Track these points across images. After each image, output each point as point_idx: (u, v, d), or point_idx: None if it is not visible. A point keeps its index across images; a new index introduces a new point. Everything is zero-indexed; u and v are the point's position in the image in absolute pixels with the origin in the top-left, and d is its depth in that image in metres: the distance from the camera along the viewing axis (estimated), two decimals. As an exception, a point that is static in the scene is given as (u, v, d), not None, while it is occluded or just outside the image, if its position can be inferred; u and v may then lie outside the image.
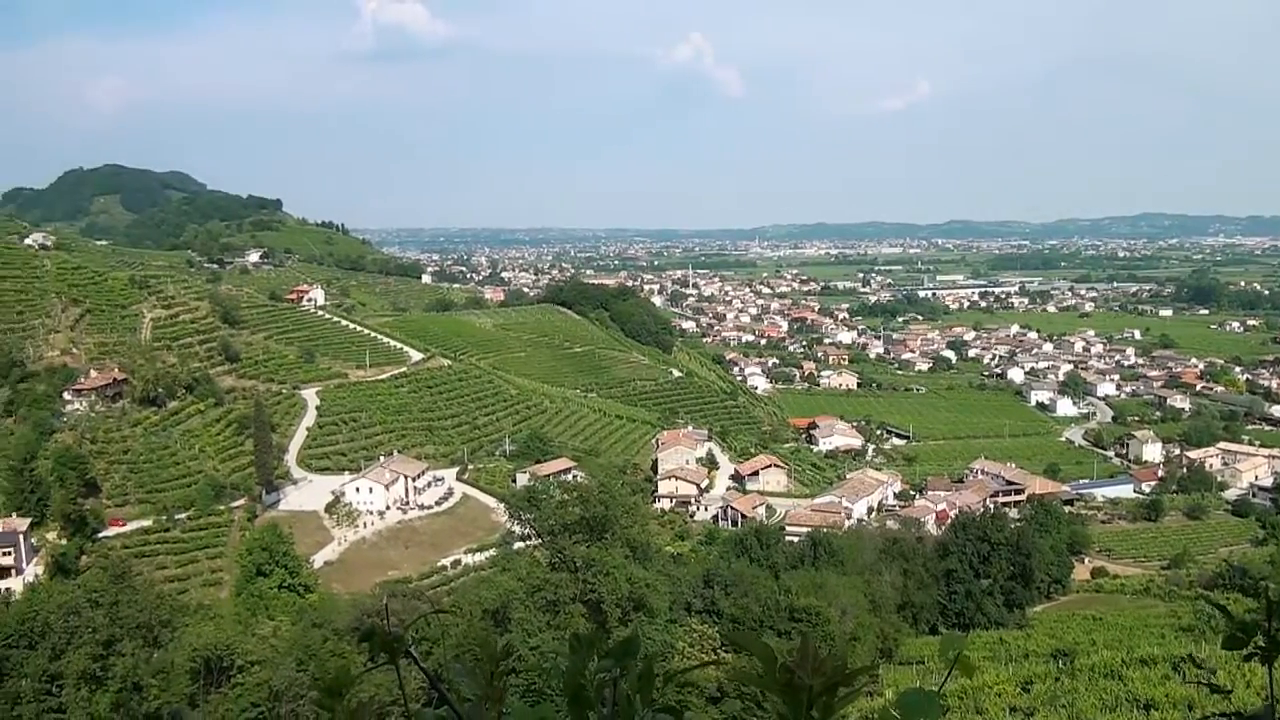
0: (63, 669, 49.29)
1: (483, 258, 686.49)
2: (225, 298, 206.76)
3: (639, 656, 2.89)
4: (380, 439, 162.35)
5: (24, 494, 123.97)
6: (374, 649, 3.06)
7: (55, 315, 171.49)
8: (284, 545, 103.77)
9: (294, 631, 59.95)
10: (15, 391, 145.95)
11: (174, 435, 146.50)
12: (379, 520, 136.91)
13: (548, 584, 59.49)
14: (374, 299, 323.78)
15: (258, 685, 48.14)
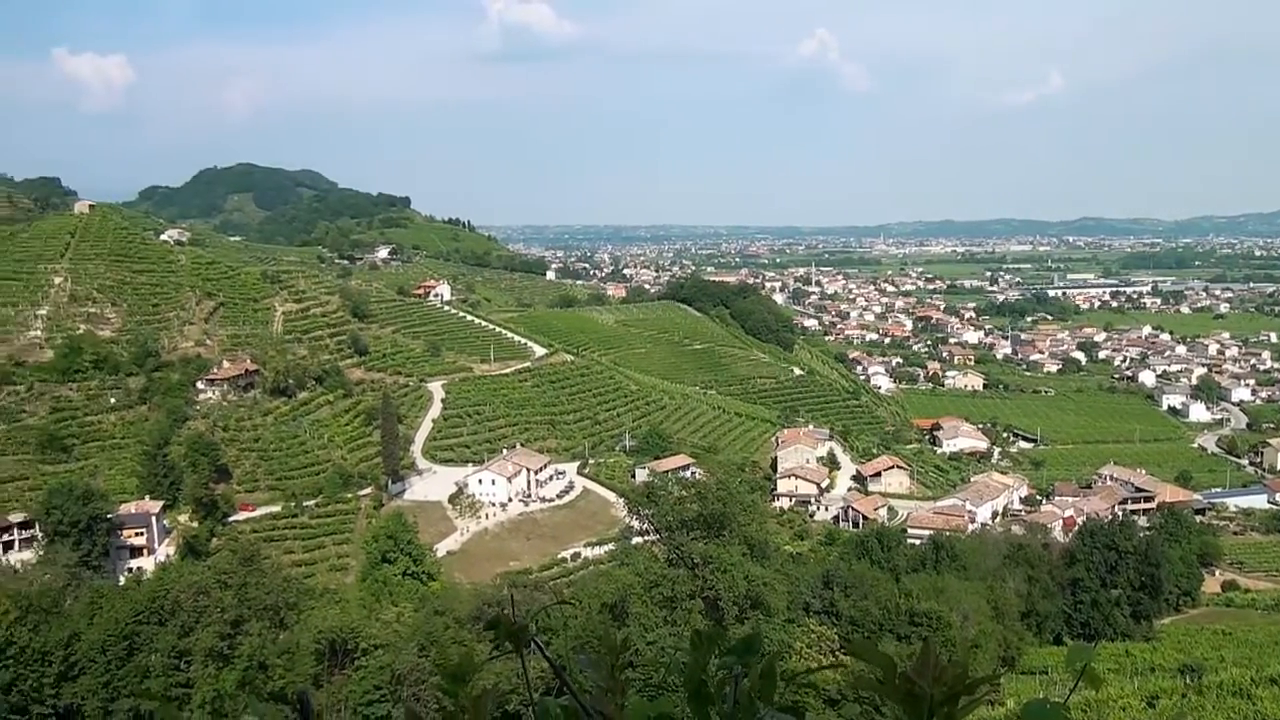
0: (191, 646, 50.94)
1: (605, 255, 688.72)
2: (355, 292, 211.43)
3: (761, 655, 2.96)
4: (503, 432, 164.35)
5: (157, 478, 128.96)
6: (499, 638, 3.14)
7: (190, 308, 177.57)
8: (408, 534, 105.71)
9: (416, 618, 60.99)
10: (150, 380, 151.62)
11: (304, 425, 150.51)
12: (501, 512, 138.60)
13: (665, 580, 59.52)
14: (499, 295, 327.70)
15: (380, 669, 49.13)
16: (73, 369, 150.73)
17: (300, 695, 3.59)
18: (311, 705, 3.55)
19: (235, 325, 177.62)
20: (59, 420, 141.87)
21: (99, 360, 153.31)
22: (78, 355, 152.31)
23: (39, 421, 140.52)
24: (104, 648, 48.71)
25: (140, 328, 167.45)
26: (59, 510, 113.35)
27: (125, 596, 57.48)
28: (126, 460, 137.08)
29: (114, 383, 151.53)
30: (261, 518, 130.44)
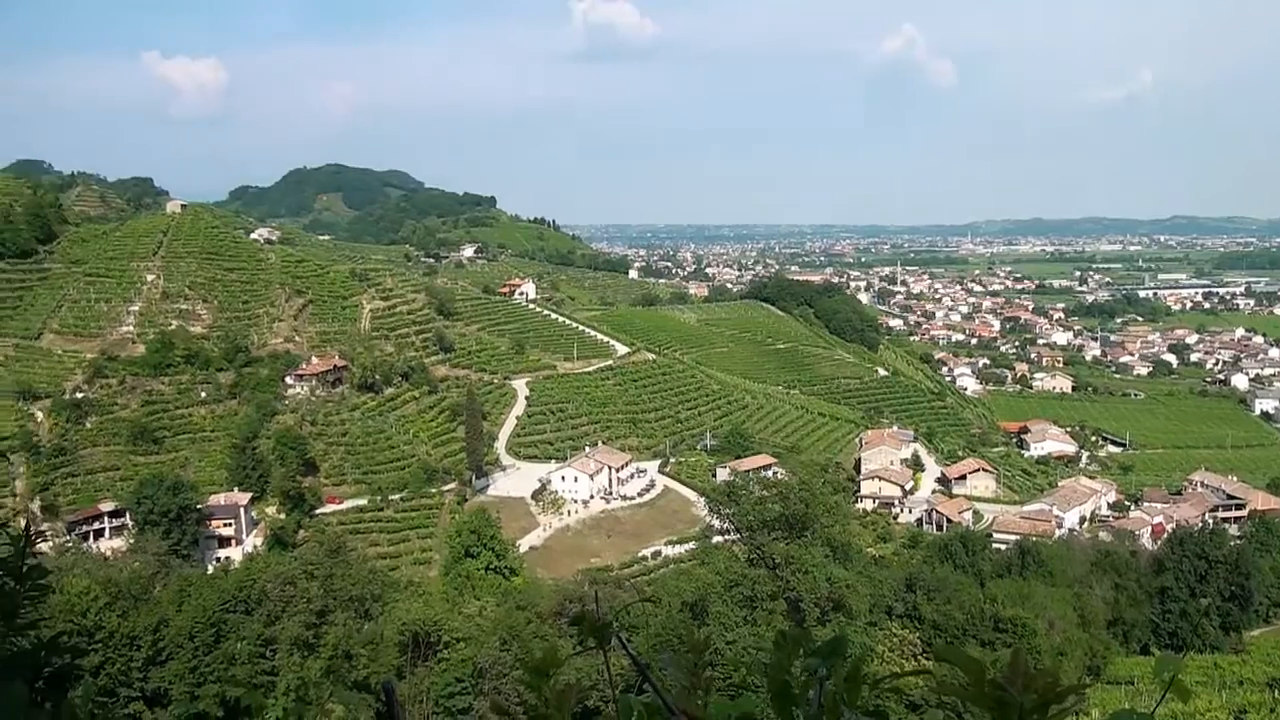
0: (277, 634, 51.70)
1: (688, 253, 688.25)
2: (441, 290, 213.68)
3: (846, 657, 2.81)
4: (586, 430, 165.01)
5: (246, 470, 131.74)
6: (583, 633, 3.09)
7: (279, 305, 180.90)
8: (491, 529, 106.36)
9: (499, 612, 61.19)
10: (240, 375, 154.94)
11: (390, 420, 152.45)
12: (583, 509, 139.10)
13: (745, 579, 59.17)
14: (582, 293, 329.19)
15: (462, 661, 49.38)
16: (164, 364, 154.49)
17: (385, 686, 3.47)
18: (396, 695, 3.45)
19: (324, 322, 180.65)
20: (150, 413, 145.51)
21: (190, 355, 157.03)
22: (169, 350, 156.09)
23: (131, 414, 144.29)
24: (191, 634, 49.52)
25: (231, 324, 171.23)
26: (149, 500, 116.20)
27: (213, 585, 58.41)
28: (216, 453, 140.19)
29: (205, 377, 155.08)
30: (347, 511, 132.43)
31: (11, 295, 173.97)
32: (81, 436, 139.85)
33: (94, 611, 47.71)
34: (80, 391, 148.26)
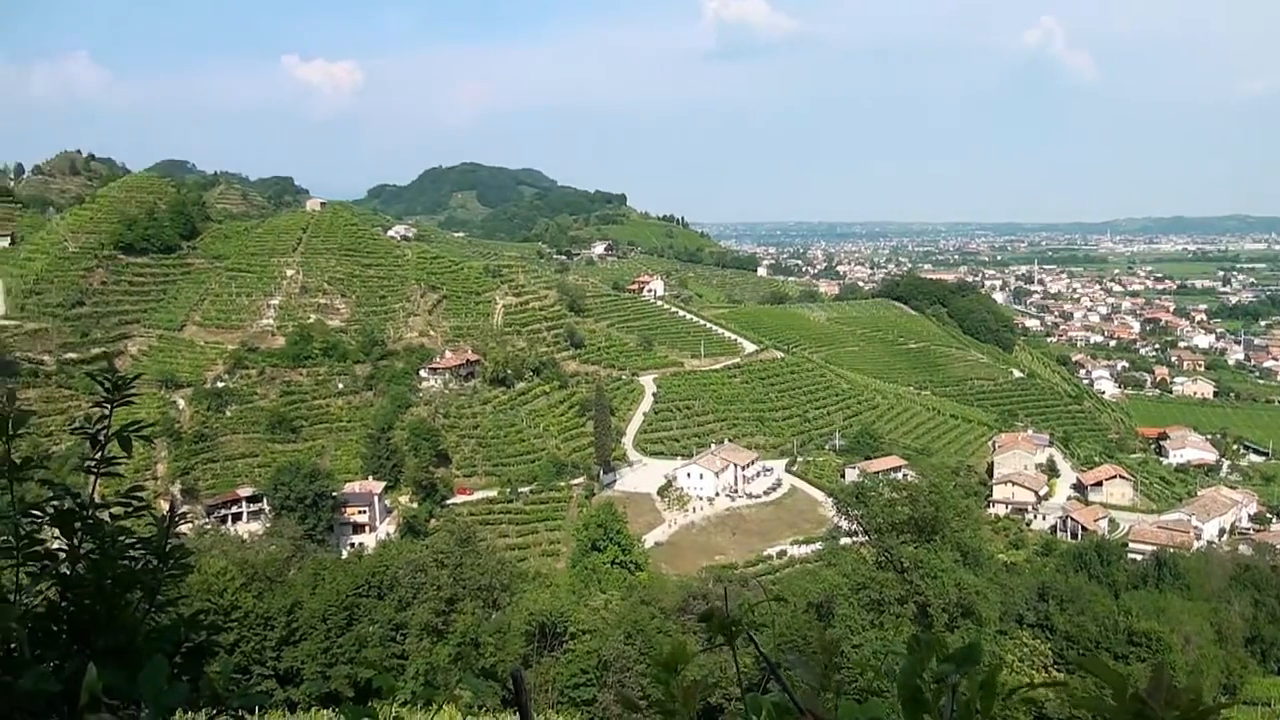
0: (407, 620, 52.69)
1: (818, 251, 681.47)
2: (572, 287, 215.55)
3: (981, 665, 2.76)
4: (712, 427, 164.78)
5: (381, 460, 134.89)
6: (713, 630, 3.08)
7: (415, 300, 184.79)
8: (618, 523, 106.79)
9: (624, 606, 61.31)
10: (376, 368, 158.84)
11: (520, 414, 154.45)
12: (708, 506, 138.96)
13: (873, 582, 58.29)
14: (711, 291, 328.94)
15: (587, 653, 49.64)
16: (303, 355, 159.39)
17: (514, 674, 3.49)
18: (525, 684, 3.46)
19: (457, 317, 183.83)
20: (289, 403, 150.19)
21: (328, 348, 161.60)
22: (308, 343, 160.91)
23: (270, 404, 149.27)
24: (324, 616, 50.72)
25: (367, 318, 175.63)
26: (286, 486, 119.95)
27: (346, 570, 59.76)
28: (352, 442, 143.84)
29: (342, 369, 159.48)
30: (478, 501, 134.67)
31: (156, 289, 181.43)
32: (221, 424, 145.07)
33: (230, 591, 49.17)
34: (221, 381, 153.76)
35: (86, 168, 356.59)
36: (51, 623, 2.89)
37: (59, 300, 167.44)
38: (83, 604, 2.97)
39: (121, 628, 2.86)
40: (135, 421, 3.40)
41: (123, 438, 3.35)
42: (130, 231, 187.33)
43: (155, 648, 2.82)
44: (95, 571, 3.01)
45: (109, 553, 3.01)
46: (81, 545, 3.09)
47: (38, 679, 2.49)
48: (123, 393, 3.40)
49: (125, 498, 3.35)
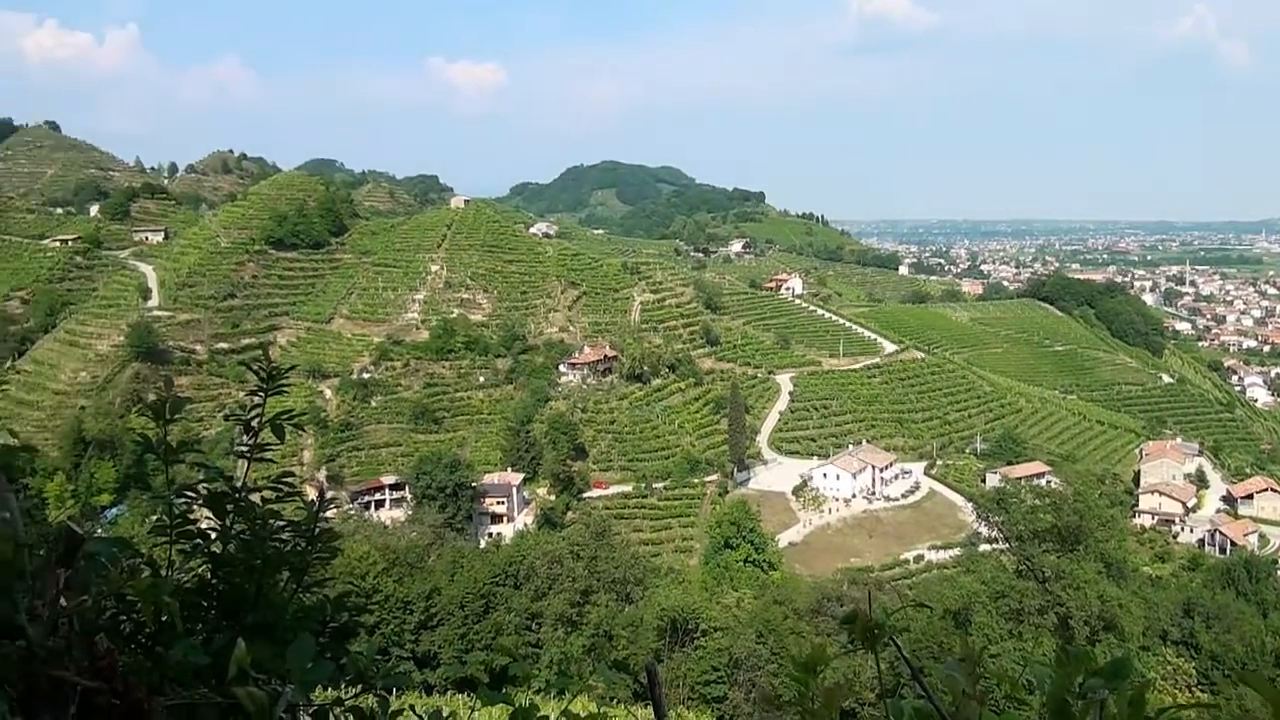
0: (542, 610, 53.37)
1: (961, 250, 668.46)
2: (709, 284, 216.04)
3: (1130, 681, 2.71)
4: (850, 427, 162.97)
5: (519, 452, 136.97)
6: (855, 633, 3.01)
7: (555, 296, 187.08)
8: (751, 522, 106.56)
9: (756, 605, 61.19)
10: (517, 362, 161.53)
11: (656, 410, 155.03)
12: (844, 507, 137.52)
13: (1013, 591, 57.07)
14: (850, 289, 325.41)
15: (719, 651, 49.59)
16: (446, 349, 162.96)
17: (649, 668, 3.50)
18: (659, 678, 3.46)
19: (596, 313, 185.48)
20: (431, 395, 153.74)
21: (470, 342, 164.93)
22: (451, 337, 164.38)
23: (413, 395, 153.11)
24: (462, 603, 51.63)
25: (509, 313, 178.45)
26: (428, 476, 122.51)
27: (484, 558, 60.81)
28: (492, 434, 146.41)
29: (483, 363, 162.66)
30: (613, 496, 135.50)
31: (305, 282, 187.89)
32: (366, 414, 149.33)
33: (372, 575, 50.43)
34: (367, 372, 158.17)
35: (238, 166, 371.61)
36: (202, 598, 3.02)
37: (211, 293, 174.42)
38: (233, 582, 3.08)
39: (270, 606, 3.06)
40: (288, 410, 3.51)
41: (276, 425, 3.45)
42: (281, 227, 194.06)
43: (302, 626, 3.03)
44: (246, 551, 3.12)
45: (260, 534, 3.13)
46: (233, 526, 3.20)
47: (187, 650, 2.59)
48: (276, 382, 3.51)
49: (275, 482, 3.45)
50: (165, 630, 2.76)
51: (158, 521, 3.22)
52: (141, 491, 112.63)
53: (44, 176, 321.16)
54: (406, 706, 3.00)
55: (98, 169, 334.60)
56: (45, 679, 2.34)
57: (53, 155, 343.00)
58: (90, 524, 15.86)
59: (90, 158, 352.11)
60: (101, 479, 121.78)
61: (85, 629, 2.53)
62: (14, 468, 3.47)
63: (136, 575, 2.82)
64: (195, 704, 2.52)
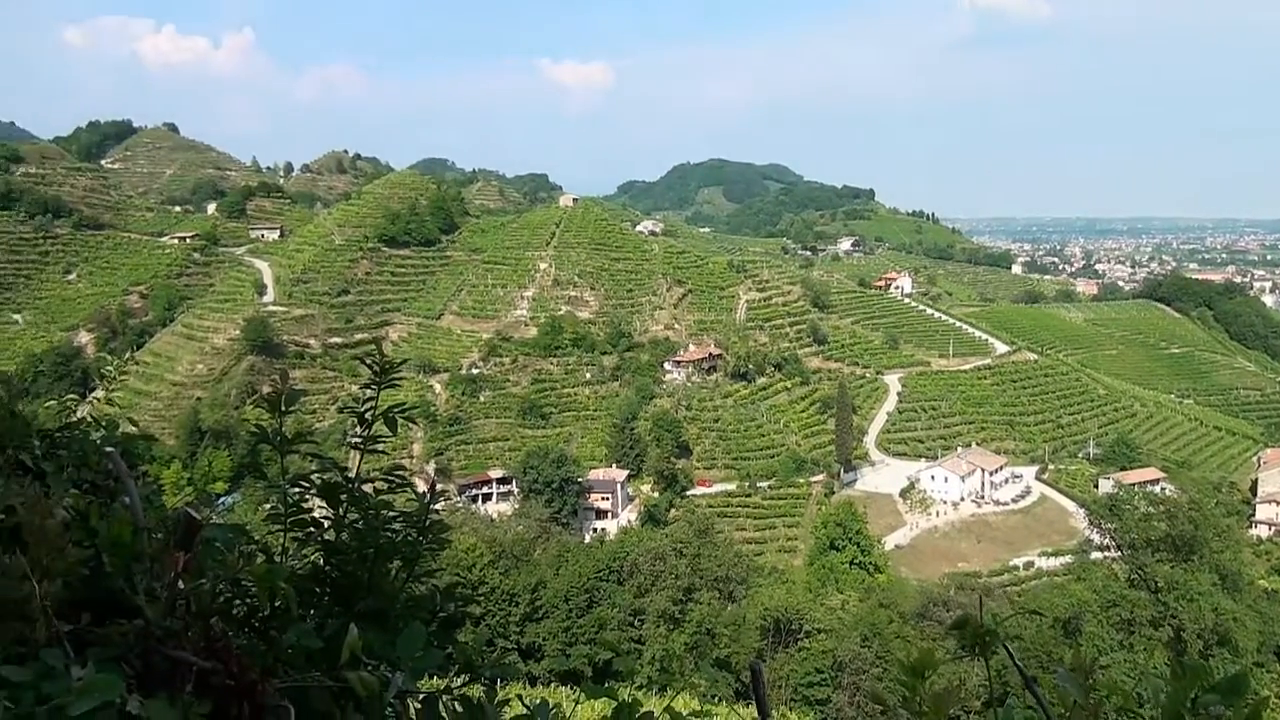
0: (645, 606, 53.54)
1: (1076, 249, 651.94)
2: (816, 283, 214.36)
3: (1248, 697, 2.68)
4: (959, 429, 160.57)
5: (624, 449, 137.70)
6: (965, 639, 2.98)
7: (661, 294, 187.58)
8: (857, 524, 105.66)
9: (861, 608, 60.69)
10: (622, 359, 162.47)
11: (761, 409, 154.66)
12: (952, 510, 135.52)
13: (1124, 601, 55.68)
14: (961, 289, 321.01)
15: (823, 653, 49.23)
16: (553, 345, 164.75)
17: (753, 667, 3.49)
18: (764, 677, 3.45)
19: (702, 311, 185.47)
20: (539, 390, 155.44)
21: (577, 339, 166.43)
22: (558, 333, 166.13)
23: (521, 390, 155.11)
24: (566, 597, 52.04)
25: (615, 311, 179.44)
26: (534, 470, 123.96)
27: (589, 553, 61.17)
28: (597, 431, 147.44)
29: (590, 360, 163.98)
30: (717, 494, 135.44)
31: (416, 279, 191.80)
32: (475, 408, 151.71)
33: (479, 567, 51.11)
34: (476, 368, 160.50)
35: (352, 166, 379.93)
36: (315, 585, 3.09)
37: (325, 289, 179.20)
38: (345, 569, 3.15)
39: (382, 594, 3.13)
40: (400, 403, 3.57)
41: (389, 418, 3.51)
42: (393, 225, 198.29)
43: (412, 615, 3.08)
44: (359, 540, 3.19)
45: (372, 524, 3.20)
46: (346, 515, 3.27)
47: (301, 635, 2.64)
48: (389, 376, 3.57)
49: (387, 474, 3.51)
50: (279, 614, 2.80)
51: (273, 509, 3.30)
52: (257, 480, 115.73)
53: (163, 176, 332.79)
54: (513, 696, 3.03)
55: (215, 169, 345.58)
56: (162, 658, 2.44)
57: (172, 156, 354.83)
58: (206, 511, 16.63)
59: (208, 158, 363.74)
60: (217, 468, 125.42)
61: (201, 611, 2.61)
62: (134, 454, 3.61)
63: (252, 561, 2.91)
64: (307, 687, 2.57)
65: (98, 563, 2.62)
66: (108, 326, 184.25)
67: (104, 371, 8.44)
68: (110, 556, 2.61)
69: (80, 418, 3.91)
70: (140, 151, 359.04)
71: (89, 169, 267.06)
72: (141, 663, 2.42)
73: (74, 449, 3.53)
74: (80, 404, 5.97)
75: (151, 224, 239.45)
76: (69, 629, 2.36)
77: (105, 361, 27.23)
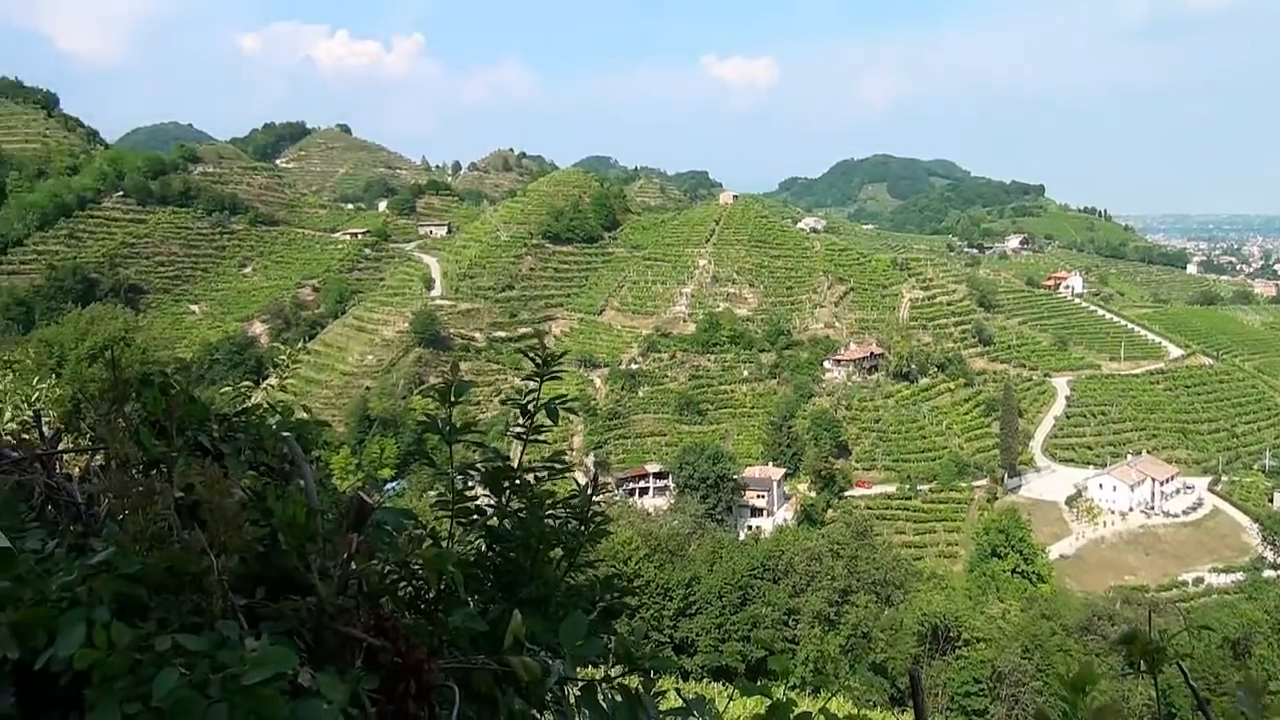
0: (800, 606, 53.21)
1: (1254, 248, 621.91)
2: (982, 282, 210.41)
3: None
4: (1129, 436, 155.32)
5: (781, 447, 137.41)
6: (1134, 654, 2.95)
7: (821, 291, 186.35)
8: (1021, 531, 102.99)
9: (1023, 618, 59.24)
10: (781, 357, 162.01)
11: (923, 410, 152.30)
12: (1119, 521, 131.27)
13: (1299, 623, 53.25)
14: (1133, 289, 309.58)
15: (981, 663, 48.32)
16: (711, 342, 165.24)
17: (913, 673, 3.46)
18: (922, 684, 3.43)
19: (863, 310, 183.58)
20: (696, 386, 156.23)
21: (735, 336, 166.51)
22: (717, 330, 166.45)
23: (679, 386, 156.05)
24: (720, 593, 52.10)
25: (774, 308, 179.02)
26: (690, 466, 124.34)
27: (743, 551, 61.02)
28: (754, 428, 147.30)
29: (748, 357, 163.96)
30: (876, 496, 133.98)
31: (579, 275, 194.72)
32: (633, 403, 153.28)
33: (634, 560, 51.52)
34: (635, 363, 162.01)
35: (518, 164, 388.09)
36: (479, 570, 3.18)
37: (490, 284, 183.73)
38: (509, 556, 3.24)
39: (544, 581, 3.23)
40: (561, 395, 3.64)
41: (551, 409, 3.58)
42: (557, 222, 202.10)
43: (572, 603, 3.15)
44: (522, 528, 3.27)
45: (535, 512, 3.28)
46: (509, 503, 3.35)
47: (466, 618, 2.73)
48: (551, 368, 3.63)
49: (548, 463, 3.58)
50: (444, 597, 2.88)
51: (440, 496, 3.40)
52: (426, 467, 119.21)
53: (335, 175, 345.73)
54: (671, 690, 3.06)
55: (386, 168, 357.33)
56: (333, 634, 2.56)
57: (344, 155, 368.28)
58: (376, 495, 17.49)
59: (379, 157, 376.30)
60: (385, 454, 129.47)
61: (372, 591, 2.73)
62: (308, 440, 3.76)
63: (421, 545, 3.03)
64: (471, 669, 2.67)
65: (273, 541, 2.75)
66: (281, 318, 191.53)
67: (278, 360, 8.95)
68: (285, 536, 2.73)
69: (255, 404, 4.08)
70: (314, 151, 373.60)
71: (264, 168, 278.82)
72: (313, 638, 2.54)
73: (251, 433, 3.68)
74: (255, 390, 6.24)
75: (324, 221, 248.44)
76: (244, 603, 2.51)
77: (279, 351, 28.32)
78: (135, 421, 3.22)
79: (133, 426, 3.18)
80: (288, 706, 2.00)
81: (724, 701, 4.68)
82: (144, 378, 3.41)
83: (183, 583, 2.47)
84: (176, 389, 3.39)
